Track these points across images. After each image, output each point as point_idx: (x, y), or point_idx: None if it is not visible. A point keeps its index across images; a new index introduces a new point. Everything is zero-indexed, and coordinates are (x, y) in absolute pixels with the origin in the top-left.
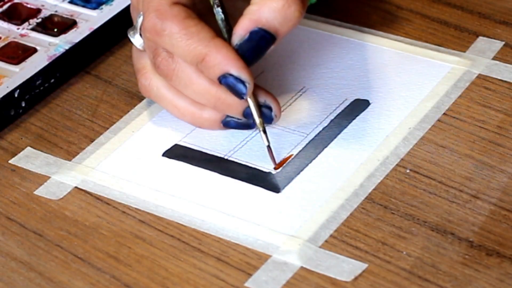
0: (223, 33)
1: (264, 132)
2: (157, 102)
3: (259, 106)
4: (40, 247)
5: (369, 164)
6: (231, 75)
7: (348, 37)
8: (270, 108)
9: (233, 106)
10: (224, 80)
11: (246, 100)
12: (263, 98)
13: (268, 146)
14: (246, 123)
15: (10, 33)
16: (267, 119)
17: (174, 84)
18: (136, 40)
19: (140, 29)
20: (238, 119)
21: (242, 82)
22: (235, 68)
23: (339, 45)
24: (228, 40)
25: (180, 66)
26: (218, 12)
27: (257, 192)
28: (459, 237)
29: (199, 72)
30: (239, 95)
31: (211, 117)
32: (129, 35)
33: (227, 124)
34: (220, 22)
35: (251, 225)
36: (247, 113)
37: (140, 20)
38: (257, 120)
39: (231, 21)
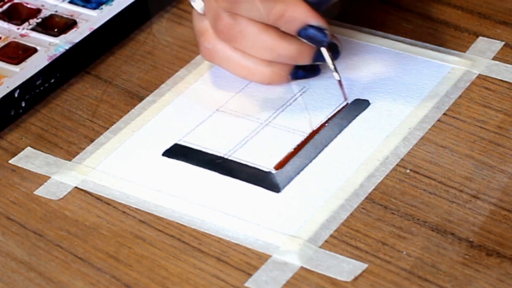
0: None
1: (337, 71)
2: (220, 65)
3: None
4: (40, 247)
5: (369, 164)
6: (311, 26)
7: (348, 37)
8: (335, 45)
9: (305, 54)
10: (304, 32)
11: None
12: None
13: (339, 81)
14: (313, 69)
15: (10, 33)
16: (336, 55)
17: (240, 46)
18: (197, 4)
19: None
20: (305, 68)
21: (322, 31)
22: (315, 19)
23: (341, 40)
24: None
25: (246, 27)
26: None
27: (257, 192)
28: (459, 237)
29: (265, 30)
30: (321, 43)
31: (280, 71)
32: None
33: (296, 75)
34: None
35: (251, 225)
36: (317, 57)
37: None
38: (330, 63)
39: None
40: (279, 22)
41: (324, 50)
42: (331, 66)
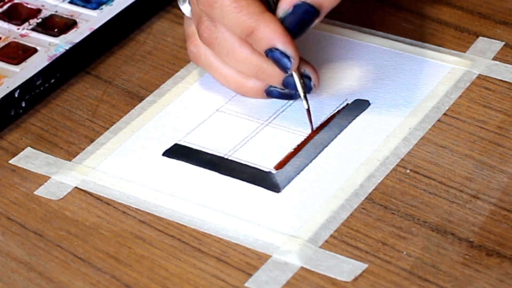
0: (270, 5)
1: (306, 99)
2: (204, 69)
3: (300, 76)
4: (40, 247)
5: (369, 164)
6: (277, 49)
7: (348, 37)
8: (309, 78)
9: (274, 76)
10: (271, 54)
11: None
12: (303, 68)
13: (308, 110)
14: (288, 93)
15: (10, 33)
16: (307, 89)
17: (216, 52)
18: (185, 8)
19: None
20: (281, 88)
21: (287, 57)
22: (281, 43)
23: (339, 45)
24: (274, 12)
25: (223, 35)
26: None
27: (257, 192)
28: (459, 237)
29: (241, 42)
30: (284, 69)
31: (255, 86)
32: (178, 3)
33: (270, 93)
34: None
35: (251, 225)
36: (287, 83)
37: None
38: (300, 89)
39: None
40: (249, 38)
41: (295, 76)
42: (301, 93)
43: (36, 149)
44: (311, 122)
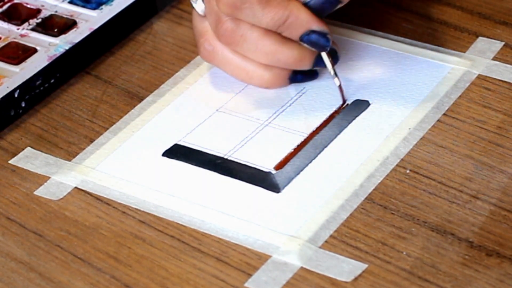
0: None
1: (336, 75)
2: (220, 67)
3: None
4: (40, 247)
5: (369, 165)
6: (313, 32)
7: (348, 37)
8: (334, 51)
9: (305, 59)
10: (307, 38)
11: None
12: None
13: (340, 86)
14: (312, 73)
15: (10, 33)
16: (335, 60)
17: (241, 49)
18: (198, 5)
19: None
20: (304, 71)
21: (325, 36)
22: (317, 24)
23: (339, 45)
24: None
25: (248, 31)
26: None
27: (257, 192)
28: (459, 238)
29: (267, 34)
30: (324, 47)
31: (280, 74)
32: (191, 1)
33: (295, 78)
34: None
35: (251, 225)
36: (316, 63)
37: None
38: (330, 68)
39: None
40: (281, 28)
41: (324, 55)
42: (331, 71)
43: (36, 149)
44: (343, 96)
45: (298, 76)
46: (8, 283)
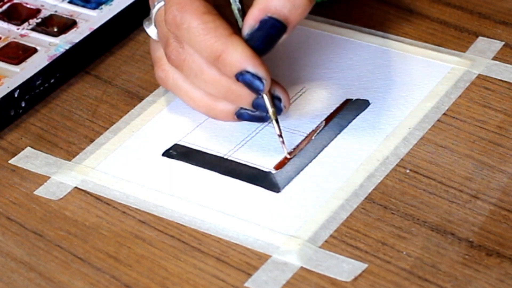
0: (239, 23)
1: (277, 122)
2: (173, 93)
3: (271, 97)
4: (40, 247)
5: (369, 164)
6: (248, 72)
7: (348, 37)
8: (279, 99)
9: (243, 97)
10: (241, 78)
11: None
12: (273, 89)
13: (280, 135)
14: (259, 116)
15: (10, 33)
16: (278, 111)
17: (185, 74)
18: (151, 30)
19: (155, 19)
20: (251, 110)
21: (259, 79)
22: (252, 65)
23: (339, 45)
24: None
25: (191, 57)
26: (235, 2)
27: (257, 192)
28: (459, 237)
29: (209, 63)
30: (257, 91)
31: (225, 108)
32: (144, 26)
33: (241, 116)
34: (236, 12)
35: (251, 225)
36: (257, 104)
37: (154, 11)
38: (270, 110)
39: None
40: (216, 62)
41: (266, 99)
42: (271, 116)
43: (36, 149)
44: (284, 146)
45: (245, 114)
46: (8, 283)
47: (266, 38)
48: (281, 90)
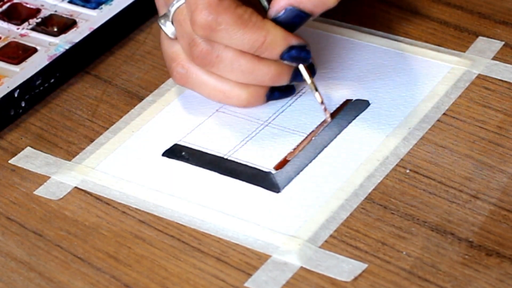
0: (264, 8)
1: (317, 90)
2: (194, 89)
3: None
4: (40, 247)
5: (369, 164)
6: (293, 47)
7: (348, 37)
8: (311, 64)
9: (283, 75)
10: (288, 55)
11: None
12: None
13: (322, 102)
14: (289, 89)
15: (10, 33)
16: (313, 73)
17: (217, 70)
18: (168, 28)
19: (173, 18)
20: (281, 88)
21: (305, 49)
22: (295, 39)
23: (339, 45)
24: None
25: (223, 52)
26: None
27: (257, 192)
28: (459, 237)
29: (243, 53)
30: (306, 60)
31: (257, 93)
32: (159, 23)
33: (272, 96)
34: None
35: (251, 225)
36: (294, 77)
37: (173, 9)
38: (309, 80)
39: None
40: (260, 50)
41: (302, 68)
42: (311, 85)
43: (36, 149)
44: (327, 112)
45: (276, 94)
46: (8, 283)
47: (289, 25)
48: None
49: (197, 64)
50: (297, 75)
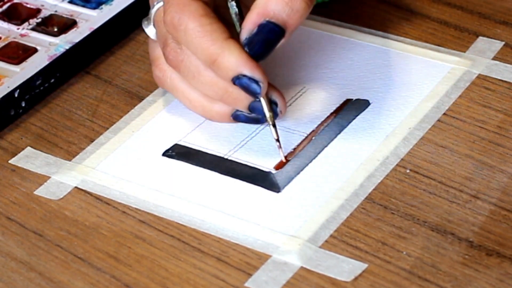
0: (236, 27)
1: (274, 126)
2: (171, 93)
3: (268, 101)
4: (40, 247)
5: (369, 164)
6: (244, 76)
7: (348, 37)
8: (275, 104)
9: (240, 100)
10: (238, 81)
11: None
12: (269, 93)
13: (277, 140)
14: (255, 118)
15: (10, 33)
16: (274, 115)
17: (182, 75)
18: (150, 30)
19: (154, 19)
20: (247, 113)
21: (256, 82)
22: (249, 68)
23: (339, 45)
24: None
25: (189, 58)
26: (232, 6)
27: (257, 192)
28: (459, 237)
29: (206, 66)
30: (254, 94)
31: (221, 110)
32: (143, 25)
33: (237, 117)
34: (233, 16)
35: (251, 225)
36: (253, 107)
37: (153, 11)
38: (267, 114)
39: (245, 14)
40: (212, 67)
41: (263, 102)
42: (269, 121)
43: (36, 149)
44: (281, 150)
45: (241, 116)
46: (8, 283)
47: (265, 42)
48: (278, 94)
49: (168, 64)
50: (257, 106)
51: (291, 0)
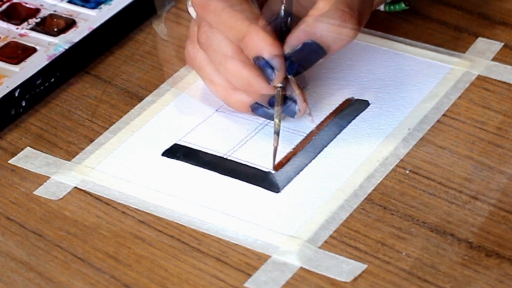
0: (281, 31)
1: (277, 134)
2: (197, 72)
3: (284, 100)
4: (39, 247)
5: (369, 165)
6: (264, 58)
7: None
8: (295, 102)
9: (260, 93)
10: (257, 62)
11: (274, 89)
12: (290, 91)
13: (275, 148)
14: (272, 115)
15: (10, 33)
16: (290, 112)
17: (211, 58)
18: (192, 10)
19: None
20: (266, 107)
21: (272, 68)
22: (268, 52)
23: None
24: (283, 41)
25: (218, 43)
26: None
27: (257, 192)
28: (459, 238)
29: (234, 53)
30: (267, 79)
31: (242, 99)
32: (187, 5)
33: (255, 109)
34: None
35: (251, 225)
36: (272, 103)
37: None
38: (276, 120)
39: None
40: (240, 43)
41: (277, 101)
42: (275, 127)
43: (36, 149)
44: (274, 160)
45: (260, 109)
46: (8, 283)
47: (305, 59)
48: (299, 93)
49: (199, 46)
50: (274, 103)
51: (340, 26)
